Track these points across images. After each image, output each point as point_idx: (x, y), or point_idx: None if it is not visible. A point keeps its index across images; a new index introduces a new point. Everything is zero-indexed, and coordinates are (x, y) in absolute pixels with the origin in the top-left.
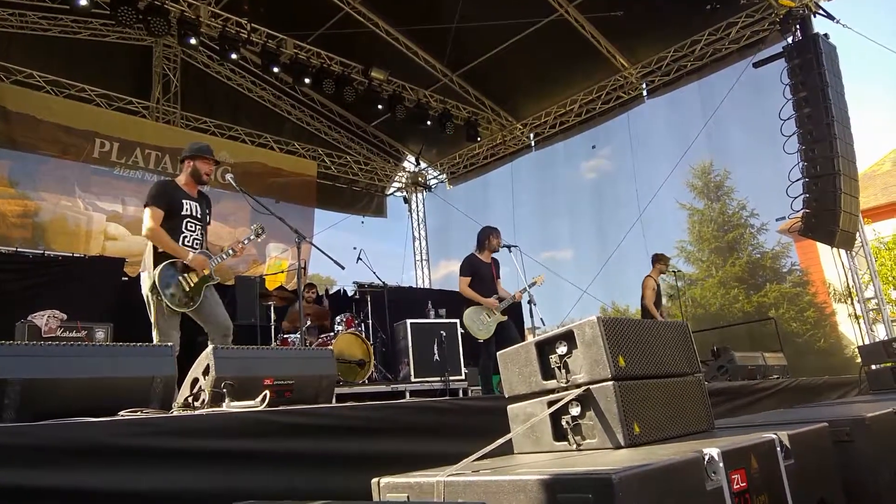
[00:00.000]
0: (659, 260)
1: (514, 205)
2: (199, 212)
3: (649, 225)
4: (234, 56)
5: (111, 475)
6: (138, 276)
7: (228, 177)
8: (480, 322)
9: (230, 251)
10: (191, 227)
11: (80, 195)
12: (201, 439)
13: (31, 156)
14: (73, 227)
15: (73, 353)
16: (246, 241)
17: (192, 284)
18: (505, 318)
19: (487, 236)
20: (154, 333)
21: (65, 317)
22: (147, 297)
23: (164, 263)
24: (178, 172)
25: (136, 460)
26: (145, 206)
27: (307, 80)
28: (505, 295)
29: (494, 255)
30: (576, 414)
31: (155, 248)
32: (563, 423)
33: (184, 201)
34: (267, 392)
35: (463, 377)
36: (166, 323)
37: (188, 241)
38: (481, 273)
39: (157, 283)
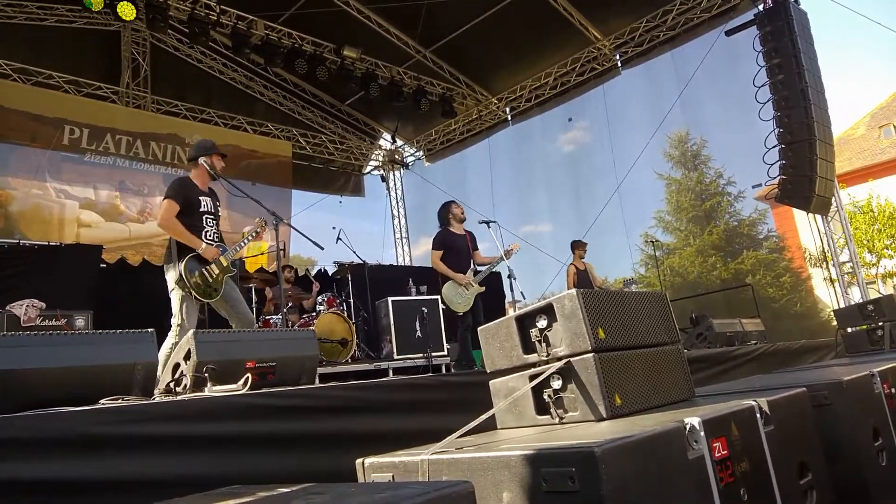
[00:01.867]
0: (577, 247)
1: (493, 179)
2: (212, 207)
3: (627, 196)
4: (203, 39)
5: (94, 464)
6: (117, 262)
7: (202, 160)
8: (459, 295)
9: (242, 244)
10: (209, 222)
11: (51, 183)
12: (184, 425)
13: (1, 145)
14: (46, 216)
15: (53, 342)
16: (248, 240)
17: (214, 276)
18: (483, 289)
19: (448, 209)
20: (174, 321)
21: (44, 305)
22: (173, 288)
23: (188, 257)
24: (189, 170)
25: (120, 448)
26: (163, 199)
27: (279, 61)
28: (484, 260)
29: (469, 228)
30: (557, 387)
31: (177, 243)
32: (545, 396)
33: (200, 198)
34: (249, 375)
35: (445, 353)
36: (189, 312)
37: (209, 236)
38: (456, 245)
39: (183, 275)
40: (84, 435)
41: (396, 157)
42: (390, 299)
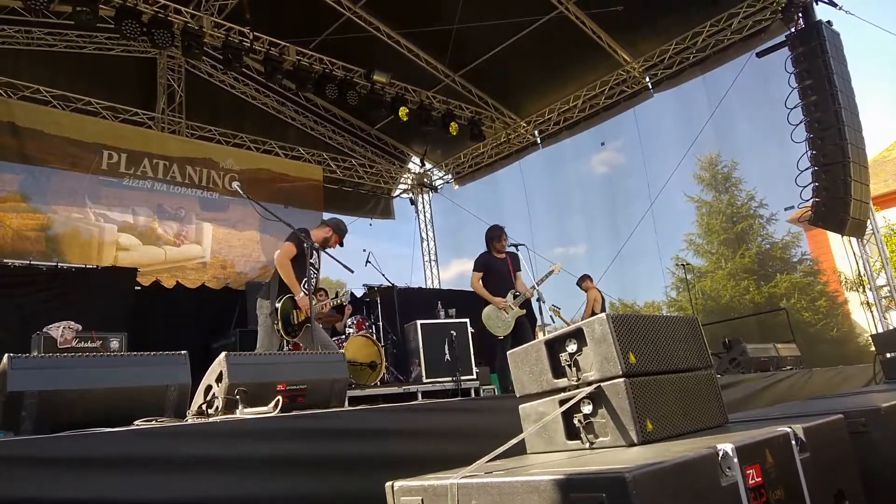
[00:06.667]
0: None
1: (528, 202)
2: (318, 262)
3: (659, 218)
4: (237, 65)
5: (128, 485)
6: (151, 284)
7: (235, 185)
8: (499, 319)
9: (324, 305)
10: (311, 273)
11: (91, 207)
12: (216, 446)
13: (42, 169)
14: (85, 239)
15: (89, 364)
16: (334, 301)
17: (300, 319)
18: (524, 312)
19: (493, 237)
20: (258, 345)
21: (80, 327)
22: (263, 318)
23: (285, 297)
24: (314, 227)
25: (153, 469)
26: (286, 241)
27: (310, 86)
28: (522, 289)
29: (510, 250)
30: (588, 412)
31: (280, 281)
32: (576, 421)
33: (312, 251)
34: (280, 398)
35: (474, 377)
36: (271, 340)
37: (305, 285)
38: (495, 269)
39: (278, 311)
40: (118, 455)
41: (425, 180)
42: (419, 322)
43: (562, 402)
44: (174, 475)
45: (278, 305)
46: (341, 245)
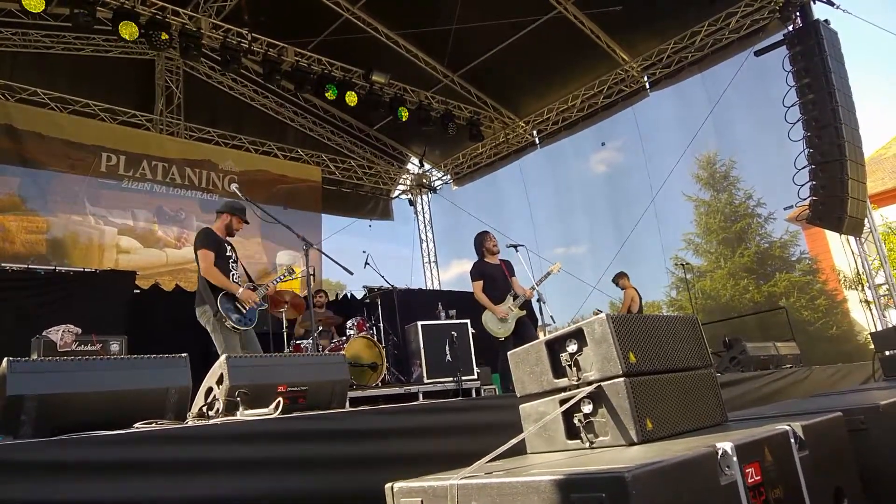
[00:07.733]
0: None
1: (529, 202)
2: (235, 253)
3: (659, 218)
4: (235, 66)
5: (129, 488)
6: (150, 287)
7: (234, 186)
8: (499, 321)
9: (274, 282)
10: (234, 266)
11: (90, 210)
12: (217, 449)
13: (40, 172)
14: (85, 242)
15: (88, 366)
16: (281, 279)
17: (246, 309)
18: (524, 312)
19: (481, 242)
20: (221, 351)
21: (79, 331)
22: (211, 324)
23: (221, 295)
24: (214, 221)
25: (153, 472)
26: (197, 250)
27: (308, 87)
28: (520, 292)
29: (502, 257)
30: (588, 412)
31: (209, 284)
32: (576, 421)
33: (225, 245)
34: (280, 399)
35: (475, 377)
36: (231, 342)
37: (236, 278)
38: (492, 275)
39: (220, 310)
40: (118, 458)
41: (424, 180)
42: (420, 323)
43: (562, 402)
44: (175, 478)
45: (219, 304)
46: (246, 223)
